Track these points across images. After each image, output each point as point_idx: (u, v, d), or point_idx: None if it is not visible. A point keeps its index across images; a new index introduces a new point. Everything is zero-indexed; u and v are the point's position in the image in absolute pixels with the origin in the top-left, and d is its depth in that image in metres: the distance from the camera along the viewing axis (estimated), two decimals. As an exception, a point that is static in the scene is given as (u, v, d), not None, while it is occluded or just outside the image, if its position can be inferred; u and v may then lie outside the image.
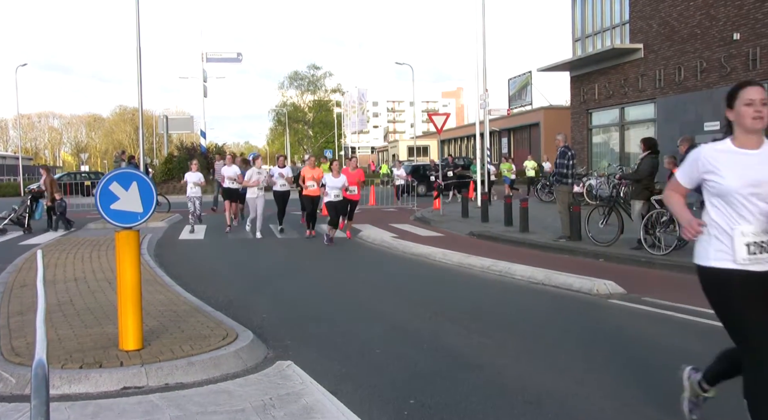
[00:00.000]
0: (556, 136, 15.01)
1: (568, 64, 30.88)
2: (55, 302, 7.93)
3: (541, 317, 7.92)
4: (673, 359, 6.05)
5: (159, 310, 7.55)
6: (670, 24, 24.62)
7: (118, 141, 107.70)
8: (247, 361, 5.88)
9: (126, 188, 5.92)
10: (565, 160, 14.13)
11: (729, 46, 21.72)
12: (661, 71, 25.17)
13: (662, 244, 11.87)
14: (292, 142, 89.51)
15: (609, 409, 4.80)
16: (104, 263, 11.36)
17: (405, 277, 10.89)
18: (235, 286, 10.08)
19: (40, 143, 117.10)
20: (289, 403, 4.86)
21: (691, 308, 8.04)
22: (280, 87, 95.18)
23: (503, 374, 5.65)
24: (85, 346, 5.98)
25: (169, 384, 5.28)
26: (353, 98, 73.37)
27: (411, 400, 4.98)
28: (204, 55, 45.32)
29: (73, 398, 4.96)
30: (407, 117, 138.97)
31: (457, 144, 66.47)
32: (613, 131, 29.30)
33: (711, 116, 22.46)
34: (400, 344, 6.67)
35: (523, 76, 48.69)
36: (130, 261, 5.90)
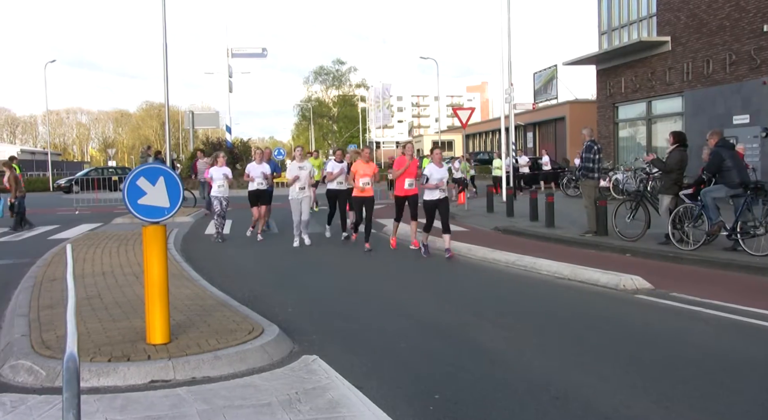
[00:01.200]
0: (582, 130, 14.89)
1: (594, 58, 30.59)
2: (83, 296, 8.02)
3: (567, 313, 7.86)
4: (701, 356, 5.99)
5: (186, 304, 7.61)
6: (698, 16, 24.28)
7: (144, 136, 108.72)
8: (273, 355, 5.90)
9: (153, 183, 5.97)
10: (591, 154, 14.00)
11: (759, 38, 21.38)
12: (689, 64, 24.85)
13: (690, 239, 11.73)
14: (316, 136, 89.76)
15: (636, 407, 4.75)
16: (131, 258, 11.47)
17: (429, 272, 10.87)
18: (260, 280, 10.12)
19: (68, 139, 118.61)
20: (315, 397, 4.88)
21: (720, 304, 7.94)
22: (305, 82, 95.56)
23: (529, 370, 5.62)
24: (113, 340, 6.04)
25: (196, 378, 5.32)
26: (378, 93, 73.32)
27: (436, 396, 4.97)
28: (229, 50, 45.54)
29: (102, 391, 5.02)
30: (432, 111, 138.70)
31: (481, 138, 66.19)
32: (640, 125, 29.00)
33: (740, 109, 22.14)
34: (425, 339, 6.66)
35: (549, 69, 48.32)
36: (157, 255, 5.94)
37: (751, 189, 11.24)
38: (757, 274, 10.02)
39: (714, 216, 11.37)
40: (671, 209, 12.25)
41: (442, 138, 62.62)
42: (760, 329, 6.92)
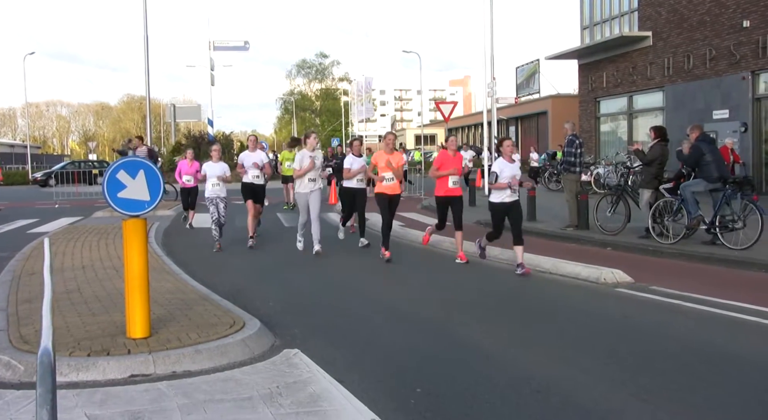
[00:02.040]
0: (564, 124, 14.95)
1: (576, 52, 30.69)
2: (63, 290, 7.96)
3: (548, 306, 7.90)
4: (680, 348, 6.04)
5: (166, 298, 7.57)
6: (679, 11, 24.42)
7: (125, 129, 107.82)
8: (254, 349, 5.89)
9: (133, 176, 5.92)
10: (573, 148, 14.06)
11: (739, 34, 21.53)
12: (669, 59, 25.00)
13: (670, 232, 11.82)
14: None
15: (615, 400, 4.79)
16: (111, 251, 11.39)
17: (412, 266, 10.88)
18: (242, 274, 10.09)
19: (48, 132, 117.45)
20: (296, 391, 4.87)
21: (699, 297, 8.01)
22: (288, 75, 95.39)
23: (510, 363, 5.65)
24: (92, 334, 6.00)
25: (177, 372, 5.30)
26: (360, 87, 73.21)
27: (418, 389, 4.98)
28: (211, 43, 45.24)
29: (81, 386, 4.98)
30: (414, 105, 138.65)
31: (464, 132, 66.29)
32: (621, 120, 29.15)
33: (720, 104, 22.30)
34: (407, 333, 6.67)
35: (531, 64, 48.45)
36: (138, 249, 5.90)
37: (730, 183, 11.35)
38: (736, 268, 10.12)
39: (693, 210, 11.47)
40: (651, 203, 12.34)
41: (424, 132, 62.62)
42: (737, 322, 6.99)
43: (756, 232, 10.69)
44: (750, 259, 10.22)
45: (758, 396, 4.87)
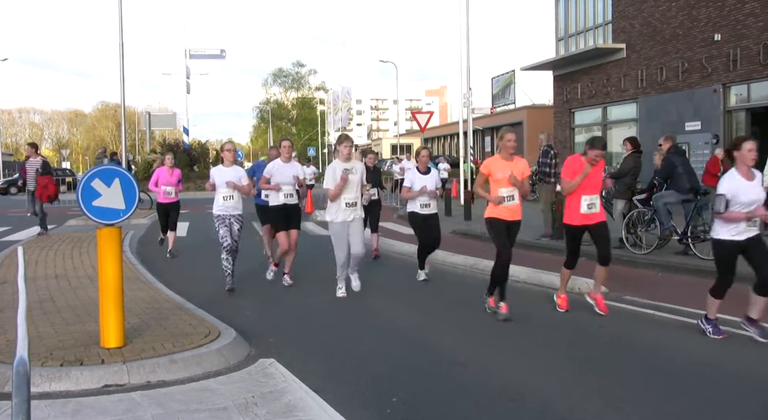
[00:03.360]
0: (539, 135, 15.07)
1: (551, 64, 30.98)
2: (35, 299, 7.86)
3: (524, 316, 7.94)
4: (653, 358, 6.11)
5: (141, 307, 7.51)
6: (652, 24, 24.76)
7: (99, 137, 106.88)
8: (229, 358, 5.86)
9: (108, 185, 5.89)
10: (548, 159, 14.18)
11: (710, 47, 21.88)
12: (643, 71, 25.31)
13: (643, 243, 11.95)
14: (275, 139, 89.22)
15: (591, 408, 4.83)
16: (86, 260, 11.28)
17: (388, 276, 10.88)
18: (217, 284, 10.02)
19: (21, 139, 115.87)
20: (272, 401, 4.85)
21: (672, 306, 8.11)
22: (264, 84, 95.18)
23: (486, 372, 5.67)
24: (65, 344, 5.94)
25: (151, 382, 5.26)
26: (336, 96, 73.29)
27: (394, 398, 4.99)
28: (187, 51, 45.08)
29: (54, 396, 4.93)
30: (391, 115, 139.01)
31: (440, 142, 66.50)
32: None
33: (692, 116, 22.62)
34: (383, 342, 6.67)
35: (507, 74, 48.79)
36: (112, 258, 5.86)
37: (701, 194, 11.53)
38: (707, 277, 10.20)
39: (666, 221, 11.61)
40: (625, 214, 12.47)
41: (401, 141, 62.79)
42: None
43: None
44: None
45: (730, 403, 4.93)
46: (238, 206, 9.49)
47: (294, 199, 9.55)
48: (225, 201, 9.40)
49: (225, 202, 9.41)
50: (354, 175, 8.78)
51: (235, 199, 9.43)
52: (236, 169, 9.63)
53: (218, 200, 9.43)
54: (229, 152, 9.63)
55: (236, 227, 9.46)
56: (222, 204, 9.41)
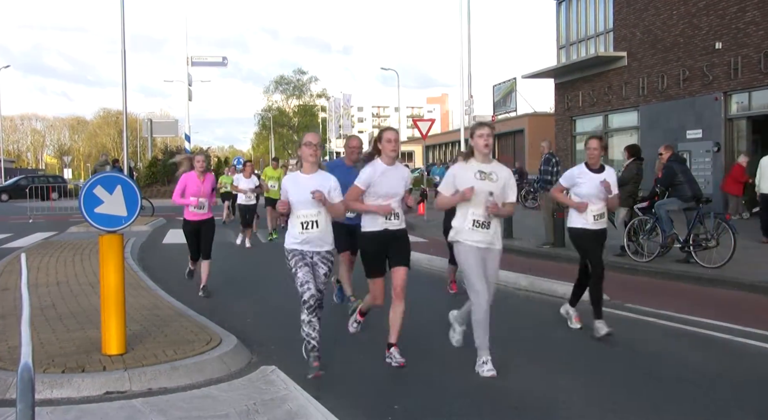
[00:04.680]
0: (541, 143, 15.09)
1: (552, 72, 31.03)
2: (37, 306, 7.86)
3: (525, 323, 7.94)
4: (655, 365, 6.10)
5: (142, 314, 7.51)
6: (653, 32, 24.81)
7: (101, 144, 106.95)
8: (230, 365, 5.86)
9: (110, 192, 5.90)
10: (550, 166, 14.20)
11: (711, 55, 21.91)
12: (644, 79, 25.35)
13: (645, 251, 11.95)
14: (277, 146, 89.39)
15: (591, 416, 4.82)
16: (87, 267, 11.28)
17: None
18: (219, 290, 10.03)
19: (22, 146, 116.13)
20: (273, 408, 4.85)
21: (673, 314, 8.10)
22: (266, 91, 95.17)
23: (488, 380, 5.67)
24: (67, 351, 5.94)
25: (153, 389, 5.26)
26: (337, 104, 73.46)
27: (395, 406, 4.99)
28: (189, 58, 45.14)
29: (55, 403, 4.93)
30: (392, 122, 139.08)
31: (441, 150, 66.58)
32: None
33: (693, 124, 22.63)
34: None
35: (508, 82, 48.80)
36: (114, 265, 5.87)
37: (703, 202, 11.54)
38: (709, 286, 10.24)
39: (667, 228, 11.61)
40: (626, 222, 12.47)
41: (402, 149, 62.90)
42: (710, 339, 7.07)
43: (728, 251, 10.84)
44: (722, 278, 10.35)
45: (730, 412, 4.93)
46: (326, 237, 6.04)
47: (400, 220, 6.22)
48: (306, 230, 5.91)
49: (306, 233, 5.92)
50: (494, 183, 6.04)
51: (322, 226, 5.96)
52: (323, 175, 6.05)
53: (294, 228, 5.97)
54: (309, 148, 5.99)
55: (323, 270, 6.06)
56: (301, 235, 5.92)
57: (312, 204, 5.78)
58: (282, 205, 5.91)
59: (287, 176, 6.24)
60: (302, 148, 6.02)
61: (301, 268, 5.85)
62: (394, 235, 6.21)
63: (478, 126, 6.20)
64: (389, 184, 6.08)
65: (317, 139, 6.07)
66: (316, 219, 5.89)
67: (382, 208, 6.02)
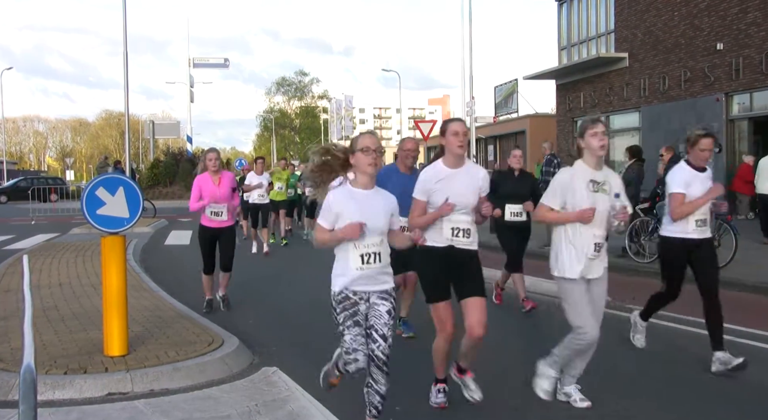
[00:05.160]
0: (542, 144, 15.11)
1: (553, 73, 31.04)
2: (39, 308, 7.88)
3: (527, 325, 7.95)
4: (656, 366, 6.10)
5: (144, 315, 7.52)
6: (654, 34, 24.80)
7: (103, 146, 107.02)
8: (232, 367, 5.87)
9: (112, 193, 5.91)
10: (551, 168, 14.21)
11: (713, 56, 21.91)
12: (645, 80, 25.35)
13: (647, 251, 11.95)
14: (278, 147, 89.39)
15: (593, 416, 4.83)
16: (89, 268, 11.30)
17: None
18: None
19: (24, 148, 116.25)
20: (275, 409, 4.86)
21: (674, 315, 8.10)
22: (268, 93, 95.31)
23: (489, 381, 5.67)
24: (69, 352, 5.95)
25: (155, 390, 5.27)
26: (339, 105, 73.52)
27: (397, 407, 4.99)
28: (191, 60, 45.23)
29: (57, 404, 4.94)
30: (393, 124, 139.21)
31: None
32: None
33: (695, 125, 22.64)
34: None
35: (509, 83, 48.81)
36: (116, 266, 5.88)
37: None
38: (711, 287, 10.23)
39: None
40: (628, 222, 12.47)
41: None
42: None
43: (730, 252, 10.84)
44: (724, 279, 10.32)
45: (736, 411, 4.93)
46: (388, 271, 4.45)
47: (471, 238, 4.97)
48: (368, 264, 4.35)
49: (367, 267, 4.34)
50: (608, 197, 5.01)
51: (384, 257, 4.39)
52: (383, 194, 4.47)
53: (349, 261, 4.34)
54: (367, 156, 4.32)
55: (385, 307, 4.41)
56: (358, 271, 4.36)
57: (377, 231, 4.31)
58: (355, 229, 4.17)
59: (337, 192, 4.35)
60: (357, 156, 4.32)
61: (350, 328, 4.33)
62: (463, 257, 4.95)
63: (591, 123, 5.04)
64: (456, 192, 4.80)
65: (377, 144, 4.37)
66: (378, 250, 4.35)
67: (442, 209, 4.79)
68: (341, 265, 4.41)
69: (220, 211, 8.28)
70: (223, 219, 8.33)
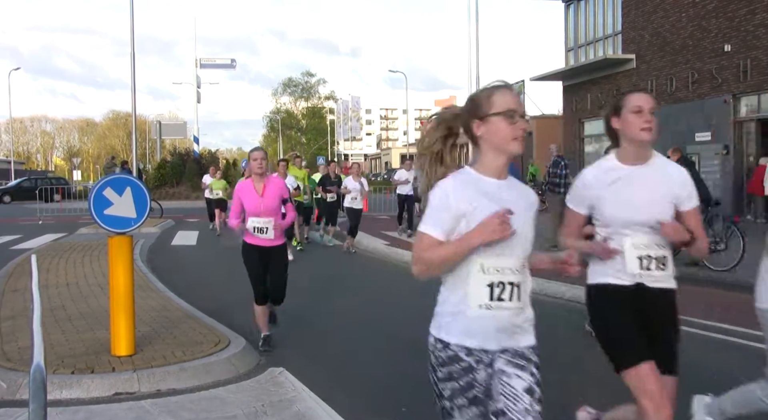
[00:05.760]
0: (550, 145, 15.08)
1: (560, 74, 31.00)
2: (47, 307, 7.90)
3: (535, 326, 7.92)
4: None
5: (151, 315, 7.54)
6: (662, 35, 24.75)
7: (110, 146, 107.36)
8: (239, 367, 5.88)
9: (120, 193, 5.93)
10: (558, 169, 14.18)
11: (720, 58, 21.84)
12: (652, 82, 25.29)
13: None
14: (285, 148, 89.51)
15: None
16: (96, 268, 11.33)
17: (398, 286, 10.89)
18: (227, 292, 10.06)
19: (32, 148, 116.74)
20: (282, 410, 4.87)
21: (681, 317, 8.07)
22: (274, 93, 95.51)
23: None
24: (76, 352, 5.97)
25: (161, 390, 5.28)
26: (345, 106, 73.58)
27: (403, 408, 4.99)
28: (198, 60, 45.34)
29: (65, 403, 4.96)
30: (400, 125, 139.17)
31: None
32: (606, 141, 29.22)
33: (702, 127, 22.57)
34: (392, 352, 6.67)
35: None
36: (123, 266, 5.90)
37: (712, 205, 11.50)
38: (718, 288, 10.21)
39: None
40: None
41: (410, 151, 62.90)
42: (719, 342, 7.05)
43: (738, 254, 10.81)
44: (732, 281, 10.32)
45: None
46: (528, 315, 3.16)
47: (668, 269, 3.85)
48: (501, 300, 2.92)
49: (501, 306, 2.90)
50: None
51: (526, 290, 3.10)
52: (515, 183, 3.05)
53: (470, 297, 2.92)
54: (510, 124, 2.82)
55: (521, 384, 3.03)
56: (487, 312, 2.92)
57: (520, 247, 2.90)
58: (500, 225, 2.69)
59: (456, 180, 2.83)
60: (492, 123, 2.76)
61: (462, 409, 2.92)
62: (656, 301, 3.60)
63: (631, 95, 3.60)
64: (639, 201, 3.45)
65: (518, 103, 2.77)
66: (518, 280, 2.92)
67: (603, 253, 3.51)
68: (453, 299, 2.87)
69: (264, 227, 6.54)
70: (268, 237, 6.61)
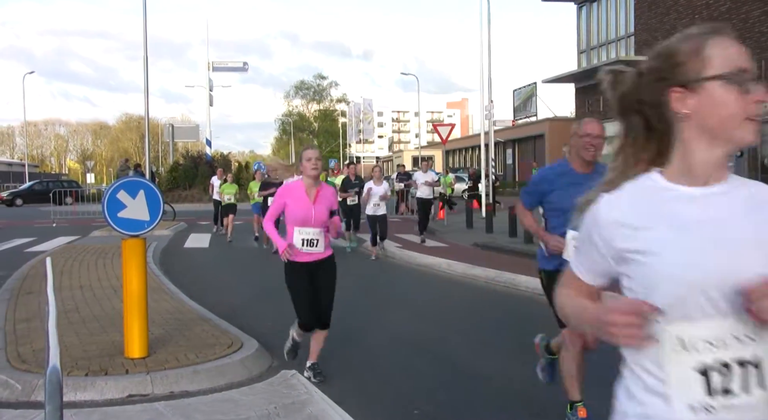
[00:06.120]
0: (563, 147, 15.04)
1: (572, 76, 30.96)
2: (61, 309, 7.93)
3: (547, 329, 7.90)
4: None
5: (164, 318, 7.56)
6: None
7: (123, 149, 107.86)
8: (252, 369, 5.89)
9: (133, 196, 5.95)
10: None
11: (734, 59, 21.76)
12: (666, 83, 25.22)
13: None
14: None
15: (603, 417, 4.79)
16: (110, 271, 11.38)
17: (410, 288, 10.89)
18: (240, 294, 10.09)
19: (46, 151, 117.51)
20: (294, 412, 4.87)
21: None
22: (286, 96, 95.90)
23: (508, 386, 5.65)
24: (90, 354, 6.00)
25: (174, 392, 5.29)
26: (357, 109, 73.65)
27: (415, 411, 4.99)
28: (210, 63, 45.50)
29: (79, 405, 4.98)
30: (412, 127, 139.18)
31: (461, 154, 66.52)
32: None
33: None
34: (405, 355, 6.67)
35: (528, 87, 48.71)
36: (137, 269, 5.92)
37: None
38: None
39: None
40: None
41: (422, 154, 62.92)
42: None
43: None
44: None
45: None
46: None
47: None
48: (724, 395, 1.52)
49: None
50: None
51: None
52: None
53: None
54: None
55: None
56: (706, 411, 1.53)
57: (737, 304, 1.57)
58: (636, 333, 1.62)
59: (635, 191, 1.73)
60: (708, 92, 1.64)
61: None
62: None
63: None
64: None
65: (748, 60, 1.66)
66: (756, 354, 1.58)
67: None
68: (640, 394, 1.73)
69: (315, 239, 5.67)
70: (318, 250, 5.73)
